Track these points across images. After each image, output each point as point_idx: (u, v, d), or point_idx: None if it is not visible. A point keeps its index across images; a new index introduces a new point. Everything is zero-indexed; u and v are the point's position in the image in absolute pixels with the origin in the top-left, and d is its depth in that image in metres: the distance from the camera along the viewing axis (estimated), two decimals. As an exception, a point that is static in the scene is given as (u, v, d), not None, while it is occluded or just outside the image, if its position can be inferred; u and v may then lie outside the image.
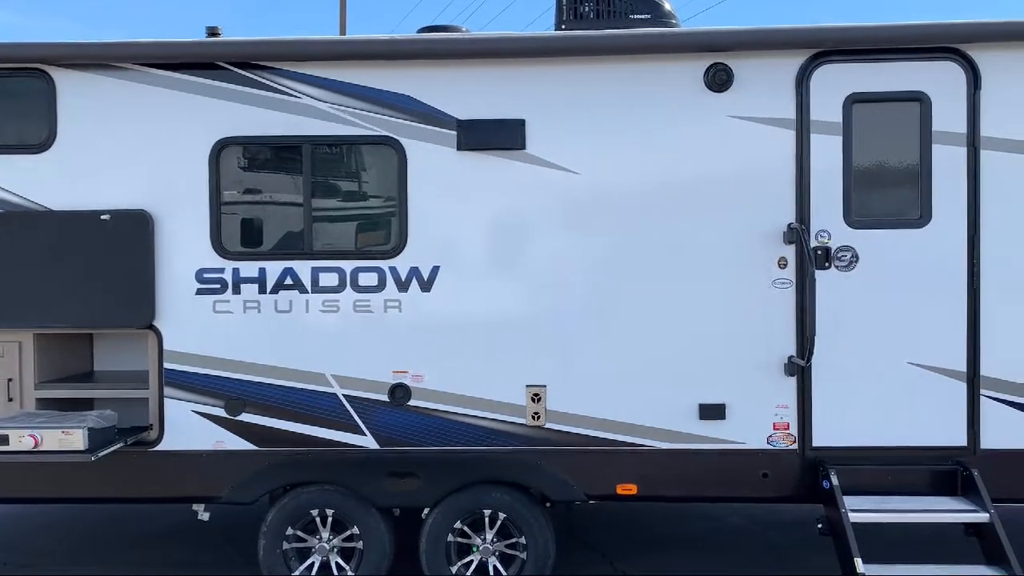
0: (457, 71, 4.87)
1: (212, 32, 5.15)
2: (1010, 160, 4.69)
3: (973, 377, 4.72)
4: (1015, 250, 4.71)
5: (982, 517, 4.52)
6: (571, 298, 4.85)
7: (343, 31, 19.47)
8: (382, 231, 4.98)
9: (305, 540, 4.97)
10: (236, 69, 4.90)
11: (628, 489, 4.88)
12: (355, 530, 4.93)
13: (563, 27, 5.24)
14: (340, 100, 4.87)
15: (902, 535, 4.71)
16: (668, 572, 5.59)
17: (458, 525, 4.92)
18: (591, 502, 4.99)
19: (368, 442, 4.91)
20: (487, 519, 4.91)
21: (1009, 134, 4.69)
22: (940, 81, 4.73)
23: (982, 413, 4.72)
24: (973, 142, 4.71)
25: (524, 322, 4.85)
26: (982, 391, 4.72)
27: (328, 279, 4.88)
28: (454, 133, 4.84)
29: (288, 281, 4.88)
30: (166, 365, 4.91)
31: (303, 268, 4.88)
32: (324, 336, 4.87)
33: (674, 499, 5.53)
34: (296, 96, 4.89)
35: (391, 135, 4.86)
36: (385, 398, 4.89)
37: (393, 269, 4.88)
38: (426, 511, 4.95)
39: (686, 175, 4.80)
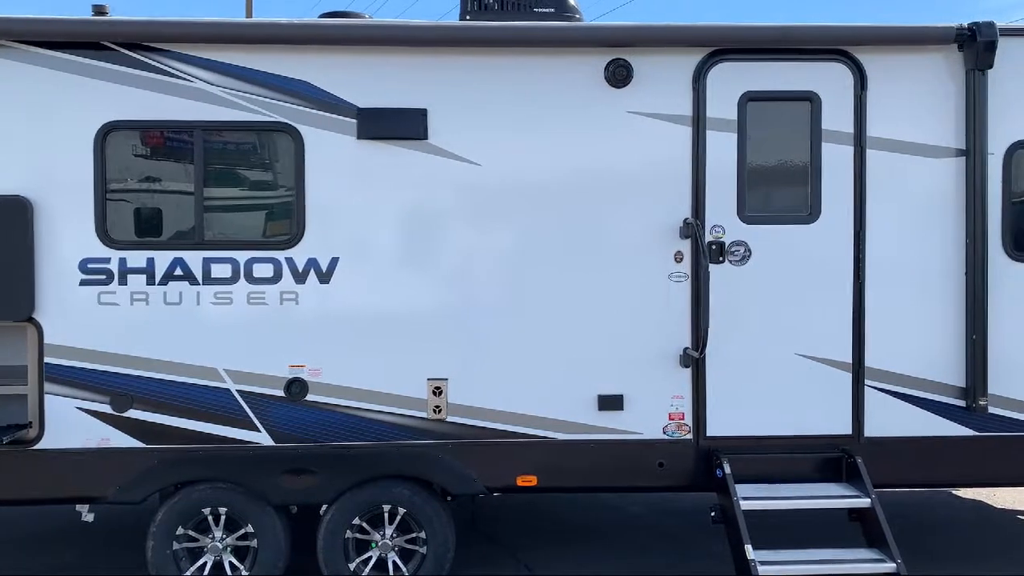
0: (356, 58, 4.78)
1: (99, 11, 4.92)
2: (893, 159, 4.89)
3: (858, 368, 4.92)
4: (897, 246, 4.92)
5: (864, 502, 4.71)
6: (472, 290, 4.83)
7: (249, 16, 18.94)
8: (278, 221, 4.85)
9: (197, 540, 4.81)
10: (124, 50, 4.70)
11: (528, 481, 4.90)
12: (249, 528, 4.80)
13: (467, 17, 5.21)
14: (234, 85, 4.72)
15: (791, 520, 4.86)
16: (569, 561, 5.64)
17: (357, 521, 4.85)
18: (493, 494, 4.99)
19: (263, 438, 4.78)
20: (386, 514, 4.86)
21: (892, 134, 4.90)
22: (829, 82, 4.89)
23: (866, 402, 4.92)
24: (860, 141, 4.90)
25: (425, 314, 4.81)
26: (866, 381, 4.92)
27: (221, 270, 4.72)
28: (354, 121, 4.76)
29: (178, 272, 4.71)
30: (47, 359, 4.68)
31: (194, 259, 4.71)
32: (216, 329, 4.72)
33: (574, 489, 5.62)
34: (188, 80, 4.72)
35: (287, 122, 4.73)
36: (281, 393, 4.77)
37: (290, 260, 4.76)
38: (324, 507, 4.86)
39: (586, 169, 4.84)
